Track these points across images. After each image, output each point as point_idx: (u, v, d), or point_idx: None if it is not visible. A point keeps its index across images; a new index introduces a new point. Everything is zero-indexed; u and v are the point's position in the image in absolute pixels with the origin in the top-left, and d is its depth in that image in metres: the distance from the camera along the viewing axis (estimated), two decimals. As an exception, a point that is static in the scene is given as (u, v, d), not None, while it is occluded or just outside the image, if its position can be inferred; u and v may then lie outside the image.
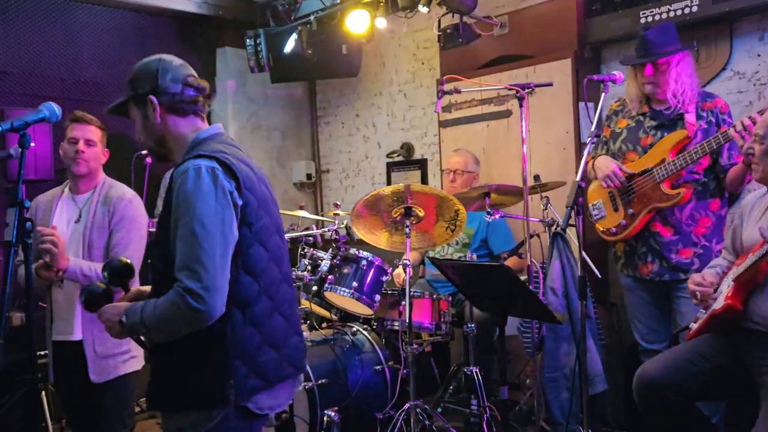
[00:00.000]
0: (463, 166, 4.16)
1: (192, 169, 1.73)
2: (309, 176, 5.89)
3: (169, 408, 1.84)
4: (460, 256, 3.99)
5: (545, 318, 2.85)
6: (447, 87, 3.39)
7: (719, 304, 2.42)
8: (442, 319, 3.45)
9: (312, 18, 4.69)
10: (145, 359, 2.85)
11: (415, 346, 3.20)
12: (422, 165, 5.29)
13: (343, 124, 5.86)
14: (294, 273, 3.38)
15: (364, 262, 3.43)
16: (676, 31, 3.08)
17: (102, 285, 1.91)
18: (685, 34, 3.23)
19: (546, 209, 3.40)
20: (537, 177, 3.55)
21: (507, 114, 4.38)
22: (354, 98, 5.74)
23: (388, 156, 5.49)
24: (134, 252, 2.72)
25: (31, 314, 2.04)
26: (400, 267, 3.90)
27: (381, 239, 3.54)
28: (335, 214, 3.90)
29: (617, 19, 3.90)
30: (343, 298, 3.46)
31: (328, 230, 3.85)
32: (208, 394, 1.75)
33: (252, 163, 1.92)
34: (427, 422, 3.28)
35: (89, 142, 2.78)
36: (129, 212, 2.77)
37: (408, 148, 5.37)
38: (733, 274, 2.42)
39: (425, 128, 5.26)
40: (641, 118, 3.17)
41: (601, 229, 3.27)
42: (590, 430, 2.67)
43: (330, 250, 3.55)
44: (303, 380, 3.13)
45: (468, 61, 4.52)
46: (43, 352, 2.93)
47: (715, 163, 3.03)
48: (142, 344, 1.93)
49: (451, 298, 3.54)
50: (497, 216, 3.43)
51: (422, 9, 4.22)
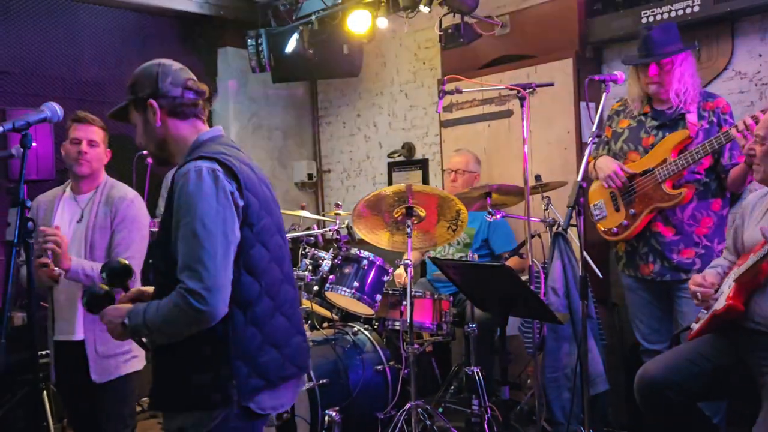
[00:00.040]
0: (465, 165, 4.16)
1: (193, 171, 1.74)
2: (310, 176, 5.89)
3: (171, 408, 1.84)
4: (461, 256, 3.99)
5: (546, 318, 2.85)
6: (448, 87, 3.39)
7: (720, 304, 2.42)
8: (444, 319, 3.45)
9: (313, 18, 4.70)
10: (147, 359, 2.86)
11: (416, 346, 3.20)
12: (423, 165, 5.28)
13: (344, 124, 5.86)
14: (295, 273, 3.38)
15: (365, 261, 3.43)
16: (677, 31, 3.08)
17: (104, 287, 1.91)
18: (687, 34, 3.23)
19: (547, 209, 3.40)
20: (538, 177, 3.54)
21: (508, 114, 4.38)
22: (355, 98, 5.74)
23: (390, 156, 5.49)
24: (136, 252, 2.73)
25: (32, 314, 2.04)
26: (402, 267, 3.91)
27: (382, 239, 3.55)
28: (336, 213, 3.90)
29: (618, 19, 3.90)
30: (344, 298, 3.46)
31: (330, 230, 3.85)
32: (210, 394, 1.75)
33: (253, 164, 1.92)
34: (428, 422, 3.28)
35: (92, 143, 2.79)
36: (131, 213, 2.78)
37: (409, 148, 5.37)
38: (734, 274, 2.42)
39: (426, 128, 5.26)
40: (643, 118, 3.17)
41: (603, 229, 3.27)
42: (591, 431, 2.66)
43: (331, 249, 3.55)
44: (306, 380, 3.14)
45: (469, 61, 4.52)
46: (45, 352, 2.94)
47: (716, 163, 3.03)
48: (143, 346, 1.93)
49: (452, 298, 3.54)
50: (498, 216, 3.43)
51: (423, 9, 4.22)
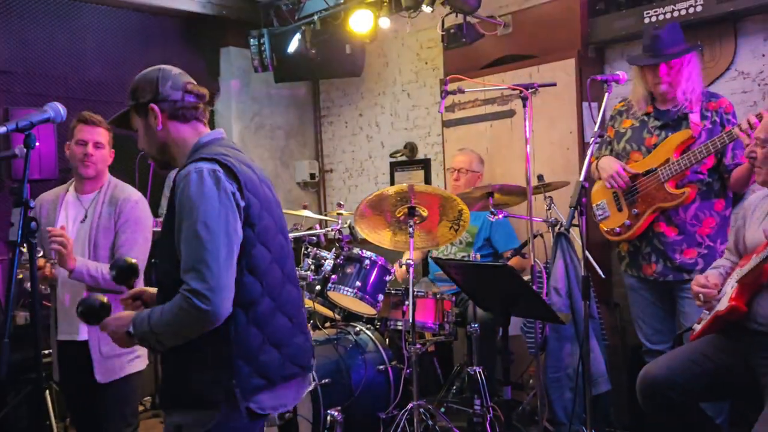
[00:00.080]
0: (468, 165, 4.16)
1: (194, 172, 1.75)
2: (312, 176, 5.90)
3: (173, 406, 1.84)
4: (463, 256, 3.99)
5: (548, 318, 2.85)
6: (450, 87, 3.40)
7: (723, 305, 2.41)
8: (446, 319, 3.45)
9: (315, 18, 4.70)
10: (149, 359, 2.86)
11: (418, 345, 3.20)
12: (425, 165, 5.28)
13: (346, 124, 5.86)
14: (297, 272, 3.37)
15: (367, 261, 3.43)
16: (681, 30, 3.08)
17: (101, 297, 1.89)
18: (690, 34, 3.22)
19: (549, 209, 3.40)
20: (540, 177, 3.54)
21: (510, 114, 4.38)
22: (357, 98, 5.74)
23: (392, 156, 5.49)
24: (139, 253, 2.73)
25: (35, 313, 2.04)
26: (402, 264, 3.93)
27: (384, 239, 3.55)
28: (339, 213, 3.90)
29: (621, 19, 3.89)
30: (346, 298, 3.46)
31: (332, 230, 3.85)
32: (211, 393, 1.76)
33: (254, 166, 1.93)
34: (430, 422, 3.29)
35: (98, 145, 2.79)
36: (134, 214, 2.79)
37: (411, 147, 5.37)
38: (736, 275, 2.41)
39: (429, 128, 5.26)
40: (645, 118, 3.16)
41: (605, 229, 3.26)
42: (593, 431, 2.66)
43: (333, 249, 3.55)
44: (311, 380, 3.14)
45: (471, 61, 4.52)
46: (48, 351, 2.94)
47: (719, 163, 3.02)
48: (153, 350, 1.91)
49: (454, 298, 3.54)
50: (501, 216, 3.43)
51: (426, 9, 4.22)
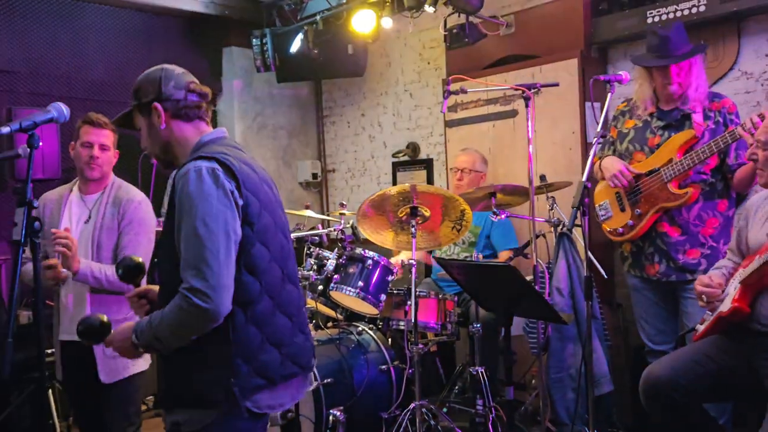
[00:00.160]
0: (471, 165, 4.15)
1: (193, 171, 1.75)
2: (315, 175, 5.90)
3: (174, 406, 1.84)
4: (466, 256, 3.99)
5: (551, 318, 2.85)
6: (453, 87, 3.40)
7: (726, 306, 2.41)
8: (448, 319, 3.45)
9: (318, 18, 4.71)
10: (152, 359, 2.86)
11: (420, 345, 3.20)
12: (428, 165, 5.28)
13: (348, 124, 5.86)
14: (300, 272, 3.39)
15: (369, 261, 3.43)
16: (685, 30, 3.07)
17: (101, 317, 1.89)
18: (693, 34, 3.21)
19: (552, 209, 3.40)
20: (543, 177, 3.54)
21: (513, 114, 4.38)
22: (360, 98, 5.74)
23: (394, 156, 5.49)
24: (142, 254, 2.73)
25: (38, 313, 2.05)
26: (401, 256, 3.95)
27: (387, 239, 3.55)
28: (341, 213, 3.91)
29: (624, 19, 3.89)
30: (348, 298, 3.46)
31: (334, 230, 3.85)
32: (211, 392, 1.76)
33: (254, 165, 1.93)
34: (432, 422, 3.29)
35: (103, 147, 2.79)
36: (138, 215, 2.79)
37: (414, 147, 5.36)
38: (739, 276, 2.41)
39: (431, 128, 5.26)
40: (648, 119, 3.16)
41: (608, 230, 3.26)
42: (596, 431, 2.66)
43: (336, 249, 3.55)
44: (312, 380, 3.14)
45: (474, 61, 4.52)
46: (51, 351, 2.95)
47: (722, 163, 3.02)
48: (159, 354, 1.89)
49: (456, 298, 3.54)
50: (503, 216, 3.43)
51: (428, 9, 4.22)
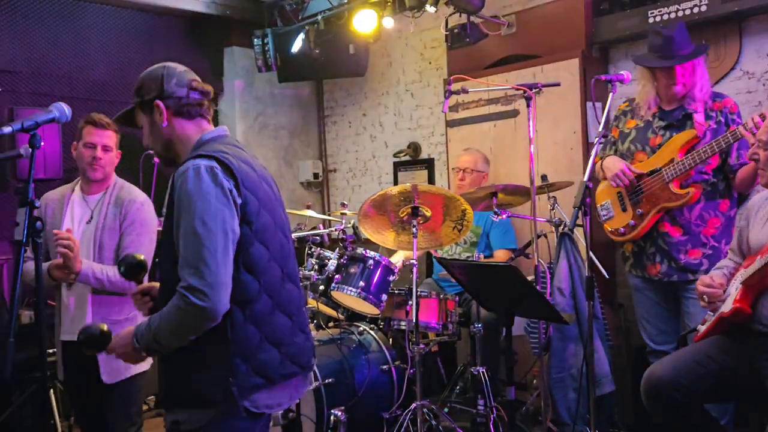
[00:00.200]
0: (473, 165, 4.15)
1: (191, 169, 1.76)
2: (316, 175, 5.90)
3: (174, 406, 1.84)
4: (468, 256, 3.99)
5: (552, 318, 2.85)
6: (454, 87, 3.40)
7: (728, 307, 2.41)
8: (449, 319, 3.44)
9: (319, 17, 4.71)
10: (153, 358, 2.86)
11: (421, 345, 3.19)
12: (429, 165, 5.28)
13: (350, 124, 5.86)
14: (301, 272, 3.39)
15: (371, 261, 3.43)
16: (687, 30, 3.07)
17: (101, 326, 1.89)
18: (694, 34, 3.21)
19: (553, 209, 3.40)
20: (544, 177, 3.54)
21: (514, 114, 4.38)
22: (361, 98, 5.74)
23: (395, 155, 5.49)
24: (144, 255, 2.72)
25: (40, 312, 2.05)
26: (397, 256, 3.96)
27: (388, 239, 3.54)
28: (342, 213, 3.91)
29: (625, 19, 3.89)
30: (349, 298, 3.46)
31: (336, 230, 3.85)
32: (210, 392, 1.76)
33: (255, 164, 1.92)
34: (433, 422, 3.29)
35: (106, 148, 2.79)
36: (140, 216, 2.79)
37: (415, 147, 5.36)
38: (741, 276, 2.40)
39: (432, 128, 5.26)
40: (650, 119, 3.15)
41: (610, 230, 3.26)
42: (597, 431, 2.66)
43: (337, 249, 3.55)
44: (312, 380, 3.15)
45: (475, 61, 4.52)
46: (52, 350, 2.95)
47: (724, 163, 3.02)
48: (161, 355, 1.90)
49: (458, 298, 3.54)
50: (504, 216, 3.42)
51: (429, 8, 4.22)
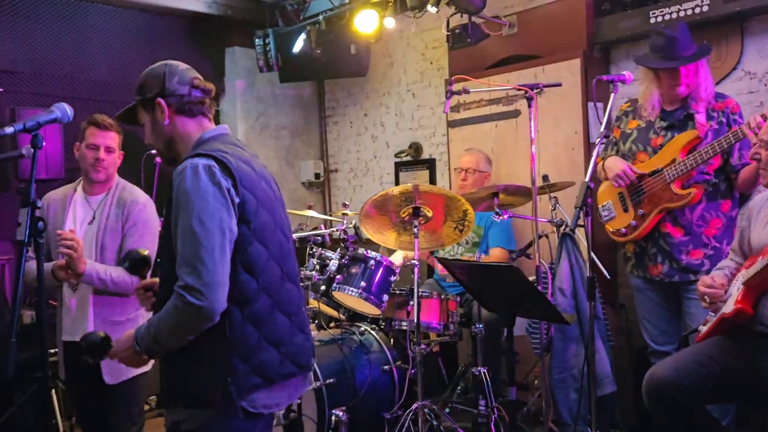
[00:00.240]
0: (475, 165, 4.14)
1: (189, 168, 1.76)
2: (317, 175, 5.90)
3: (175, 405, 1.85)
4: (469, 256, 3.99)
5: (554, 318, 2.85)
6: (456, 87, 3.39)
7: (729, 307, 2.40)
8: (450, 320, 3.45)
9: (321, 18, 4.71)
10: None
11: (423, 346, 3.19)
12: (431, 165, 5.28)
13: (351, 124, 5.86)
14: (302, 272, 3.39)
15: (372, 261, 3.43)
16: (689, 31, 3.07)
17: (101, 333, 1.90)
18: (696, 34, 3.21)
19: (555, 210, 3.39)
20: (546, 177, 3.54)
21: (516, 114, 4.37)
22: (362, 98, 5.74)
23: (397, 156, 5.49)
24: None
25: (41, 312, 2.05)
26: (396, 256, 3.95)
27: (389, 239, 3.54)
28: (344, 213, 3.91)
29: (627, 19, 3.88)
30: (351, 298, 3.46)
31: (337, 230, 3.85)
32: (209, 392, 1.76)
33: (254, 163, 1.92)
34: (434, 422, 3.28)
35: (109, 149, 2.79)
36: (142, 217, 2.80)
37: (416, 147, 5.36)
38: (742, 277, 2.40)
39: (434, 128, 5.26)
40: (652, 119, 3.15)
41: (611, 230, 3.26)
42: (598, 432, 2.66)
43: (338, 249, 3.55)
44: (312, 380, 3.15)
45: (477, 61, 4.52)
46: (54, 350, 2.95)
47: (725, 164, 3.01)
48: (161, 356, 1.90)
49: (459, 298, 3.54)
50: (505, 216, 3.42)
51: (431, 9, 4.22)
